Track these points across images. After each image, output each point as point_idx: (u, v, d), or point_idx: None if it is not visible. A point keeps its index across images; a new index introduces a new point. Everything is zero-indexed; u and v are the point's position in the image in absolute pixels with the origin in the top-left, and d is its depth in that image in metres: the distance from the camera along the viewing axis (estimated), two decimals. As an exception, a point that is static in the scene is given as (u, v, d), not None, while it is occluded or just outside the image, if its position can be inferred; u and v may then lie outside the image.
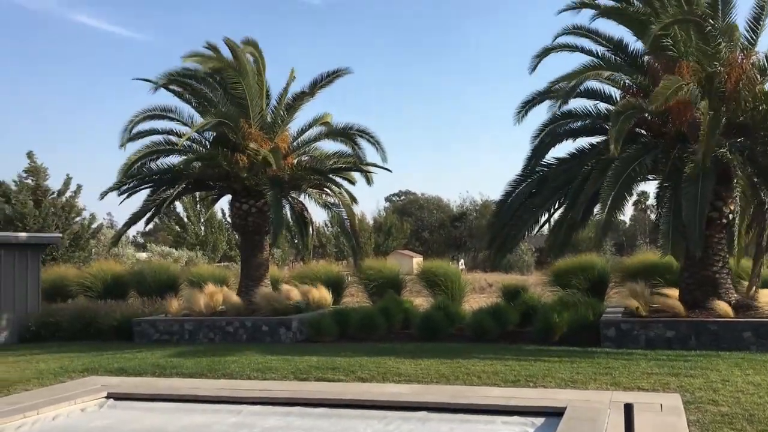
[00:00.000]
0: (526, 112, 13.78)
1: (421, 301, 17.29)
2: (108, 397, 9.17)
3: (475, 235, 55.50)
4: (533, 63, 13.06)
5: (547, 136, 13.71)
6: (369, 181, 16.32)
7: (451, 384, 9.12)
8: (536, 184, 13.53)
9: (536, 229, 13.88)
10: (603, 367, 9.77)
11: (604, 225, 11.55)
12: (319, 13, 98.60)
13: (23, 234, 17.44)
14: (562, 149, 19.53)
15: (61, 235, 22.46)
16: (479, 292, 24.04)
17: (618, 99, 13.15)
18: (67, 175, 27.12)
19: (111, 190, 15.19)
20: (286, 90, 16.43)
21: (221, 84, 15.64)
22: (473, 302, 18.30)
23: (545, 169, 13.74)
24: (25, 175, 26.61)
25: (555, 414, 7.39)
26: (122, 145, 15.00)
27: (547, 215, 13.56)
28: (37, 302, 16.48)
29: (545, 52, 13.03)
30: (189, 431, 7.74)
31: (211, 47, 15.15)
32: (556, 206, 13.40)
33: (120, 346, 13.87)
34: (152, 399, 9.08)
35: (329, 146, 16.92)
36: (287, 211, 16.88)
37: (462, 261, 50.23)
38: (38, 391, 9.54)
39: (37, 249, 16.77)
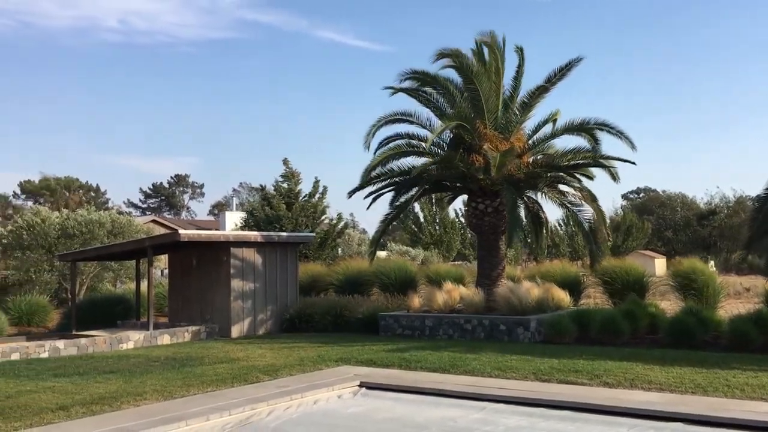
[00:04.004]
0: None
1: (667, 305, 16.23)
2: (361, 386, 9.84)
3: (726, 235, 50.49)
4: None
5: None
6: (615, 177, 15.47)
7: (708, 395, 8.44)
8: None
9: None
10: None
11: None
12: (547, 7, 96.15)
13: (283, 233, 19.35)
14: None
15: (314, 234, 24.52)
16: (734, 296, 21.93)
17: None
18: (316, 178, 29.45)
19: (357, 189, 16.34)
20: (518, 88, 16.28)
21: (457, 85, 16.04)
22: (728, 308, 16.77)
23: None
24: (281, 179, 29.37)
25: (840, 438, 6.52)
26: (368, 148, 16.05)
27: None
28: (295, 295, 18.18)
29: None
30: (435, 423, 8.04)
31: (449, 51, 15.50)
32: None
33: (367, 339, 14.79)
34: (400, 390, 9.56)
35: (566, 142, 16.50)
36: (522, 211, 16.79)
37: (712, 263, 46.04)
38: (299, 376, 10.51)
39: (294, 247, 18.51)
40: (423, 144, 16.41)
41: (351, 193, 16.57)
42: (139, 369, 11.35)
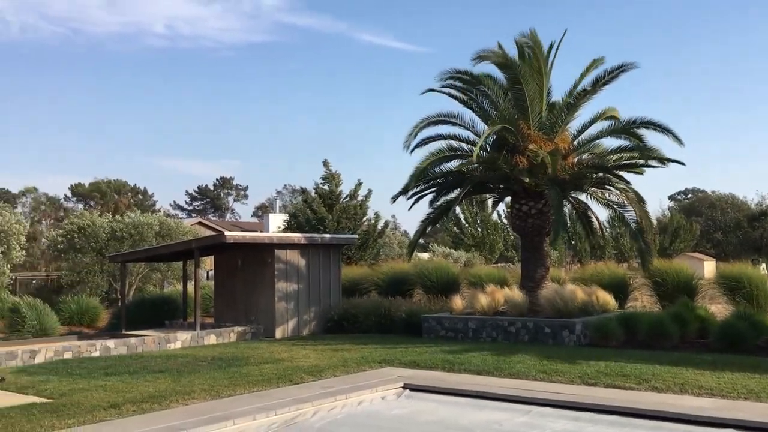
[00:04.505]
0: None
1: (717, 309, 15.86)
2: (404, 387, 9.84)
3: (779, 236, 49.06)
4: None
5: None
6: (664, 163, 15.01)
7: (761, 401, 8.25)
8: None
9: None
10: None
11: None
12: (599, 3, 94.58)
13: (326, 235, 19.50)
14: None
15: (356, 235, 24.63)
16: (788, 300, 21.28)
17: None
18: (358, 180, 29.64)
19: (401, 193, 16.33)
20: (572, 90, 16.07)
21: (501, 85, 15.95)
22: (781, 311, 16.30)
23: None
24: (322, 181, 29.57)
25: None
26: (407, 148, 16.07)
27: None
28: (338, 297, 18.28)
29: None
30: (480, 427, 8.00)
31: (492, 51, 15.41)
32: None
33: (410, 340, 14.79)
34: (443, 392, 9.54)
35: (611, 142, 16.24)
36: (566, 212, 16.58)
37: (764, 265, 44.72)
38: (343, 377, 10.57)
39: (337, 249, 18.62)
40: (464, 146, 16.36)
41: (395, 198, 16.57)
42: (187, 368, 11.56)
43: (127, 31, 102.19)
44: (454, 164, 16.50)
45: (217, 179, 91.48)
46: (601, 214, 42.95)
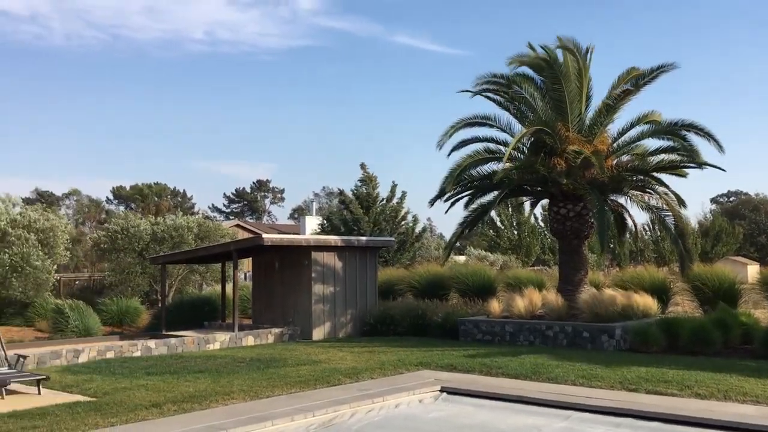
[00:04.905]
0: None
1: (761, 314, 15.50)
2: (442, 390, 9.84)
3: (826, 240, 47.72)
4: None
5: None
6: (703, 166, 14.78)
7: (809, 410, 8.03)
8: None
9: None
10: None
11: None
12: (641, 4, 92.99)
13: (363, 238, 19.56)
14: None
15: (393, 238, 24.67)
16: (836, 306, 20.69)
17: None
18: (393, 182, 29.65)
19: (438, 197, 16.29)
20: (611, 92, 15.87)
21: (538, 88, 15.83)
22: (829, 317, 15.85)
23: None
24: (359, 184, 29.71)
25: None
26: (440, 148, 16.05)
27: None
28: (375, 299, 18.32)
29: None
30: (519, 431, 7.95)
31: (530, 54, 15.31)
32: None
33: (446, 343, 14.75)
34: (481, 396, 9.51)
35: (651, 143, 16.01)
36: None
37: (810, 269, 43.44)
38: (380, 380, 10.60)
39: (374, 251, 18.66)
40: (501, 148, 16.28)
41: (432, 201, 16.55)
42: (226, 369, 11.71)
43: (168, 37, 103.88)
44: (490, 167, 16.43)
45: (254, 182, 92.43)
46: (641, 217, 42.37)
